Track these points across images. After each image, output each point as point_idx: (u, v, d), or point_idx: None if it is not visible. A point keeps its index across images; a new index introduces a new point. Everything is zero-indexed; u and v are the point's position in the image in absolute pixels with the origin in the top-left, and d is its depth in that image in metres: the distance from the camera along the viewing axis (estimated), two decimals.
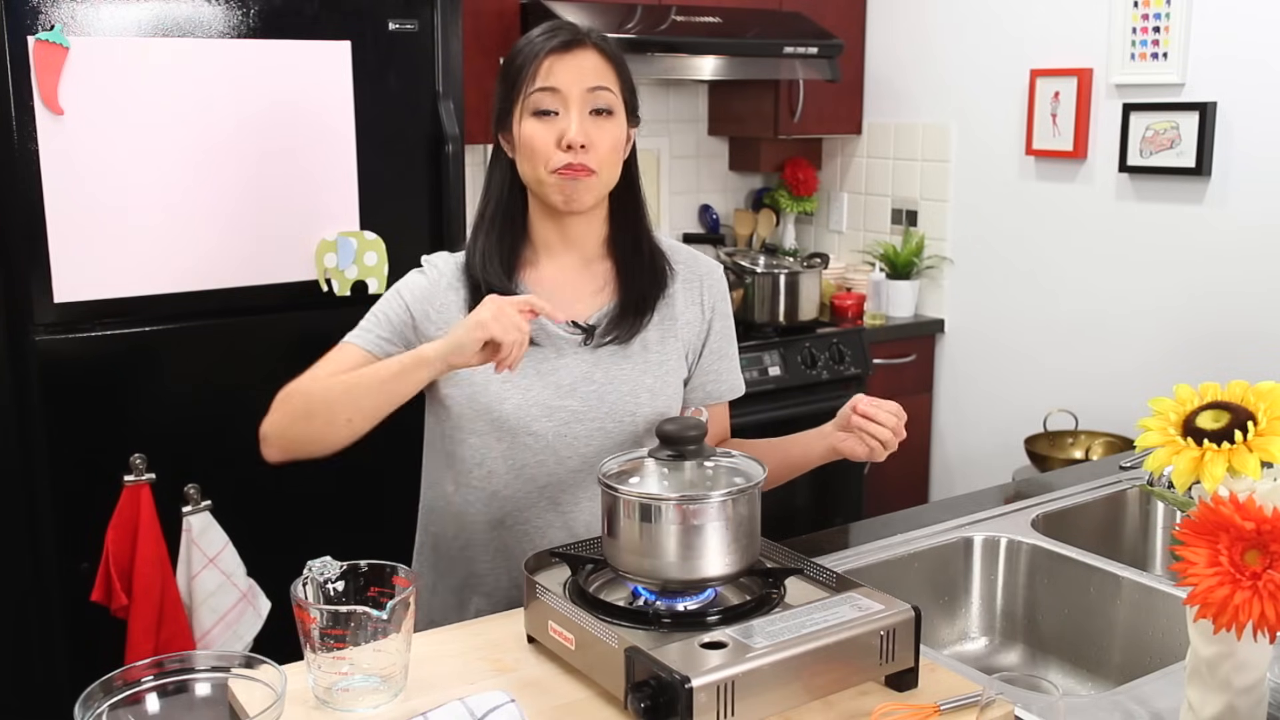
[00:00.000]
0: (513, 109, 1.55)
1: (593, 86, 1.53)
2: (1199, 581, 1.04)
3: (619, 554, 1.33)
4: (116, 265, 2.36)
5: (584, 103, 1.53)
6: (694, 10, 3.36)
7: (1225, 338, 3.07)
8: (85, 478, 2.38)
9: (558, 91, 1.52)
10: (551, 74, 1.52)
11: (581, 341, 1.59)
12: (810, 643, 1.20)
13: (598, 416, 1.59)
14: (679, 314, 1.66)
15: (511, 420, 1.56)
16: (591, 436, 1.59)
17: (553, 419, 1.57)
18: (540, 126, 1.53)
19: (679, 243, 1.76)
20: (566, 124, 1.52)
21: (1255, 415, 1.09)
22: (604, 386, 1.59)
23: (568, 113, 1.52)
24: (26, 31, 2.22)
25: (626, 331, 1.60)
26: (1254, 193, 2.98)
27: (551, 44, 1.53)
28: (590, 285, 1.63)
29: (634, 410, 1.60)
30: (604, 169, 1.56)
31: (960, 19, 3.61)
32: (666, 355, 1.64)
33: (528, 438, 1.57)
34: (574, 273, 1.63)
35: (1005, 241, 3.59)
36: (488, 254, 1.59)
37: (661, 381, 1.63)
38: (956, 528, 1.87)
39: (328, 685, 1.24)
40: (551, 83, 1.52)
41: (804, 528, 2.67)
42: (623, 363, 1.61)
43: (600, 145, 1.54)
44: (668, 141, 3.92)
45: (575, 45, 1.54)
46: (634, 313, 1.61)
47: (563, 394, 1.58)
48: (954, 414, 3.80)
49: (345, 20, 2.53)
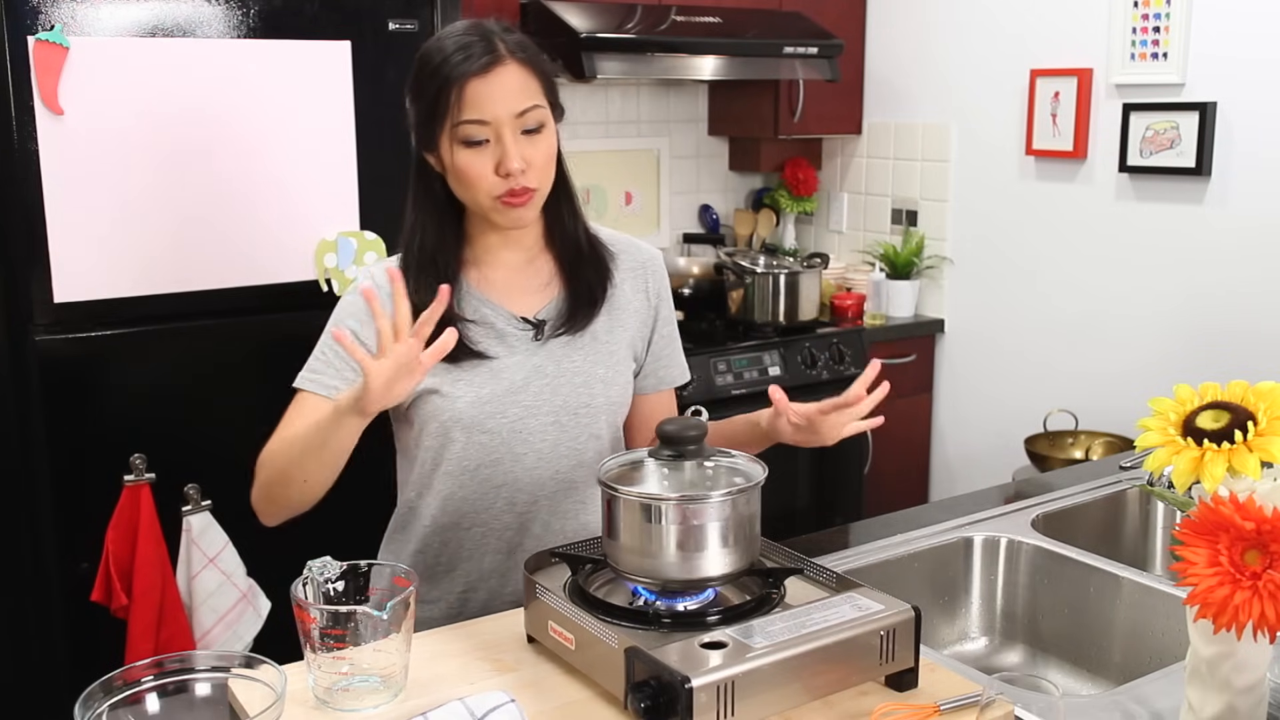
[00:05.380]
0: (437, 134, 1.50)
1: (522, 110, 1.49)
2: (1199, 581, 1.04)
3: (619, 554, 1.33)
4: (116, 265, 2.36)
5: (515, 127, 1.49)
6: (694, 10, 3.36)
7: (1225, 338, 3.07)
8: (85, 478, 2.38)
9: (487, 123, 1.48)
10: (477, 104, 1.47)
11: (532, 337, 1.59)
12: (810, 643, 1.20)
13: (551, 410, 1.59)
14: (626, 303, 1.67)
15: (465, 419, 1.55)
16: (546, 431, 1.59)
17: (506, 415, 1.57)
18: (474, 157, 1.49)
19: (616, 232, 1.74)
20: (502, 153, 1.48)
21: (1255, 415, 1.09)
22: (556, 379, 1.59)
23: (500, 141, 1.48)
24: (26, 31, 2.22)
25: (578, 323, 1.61)
26: (1254, 193, 2.98)
27: (471, 67, 1.47)
28: (535, 280, 1.63)
29: (588, 401, 1.61)
30: (543, 182, 1.55)
31: (960, 19, 3.61)
32: (616, 345, 1.65)
33: (482, 436, 1.57)
34: (518, 270, 1.62)
35: (1005, 241, 3.59)
36: (431, 268, 1.56)
37: (613, 371, 1.64)
38: (956, 528, 1.87)
39: (328, 685, 1.24)
40: (479, 115, 1.47)
41: (804, 528, 2.67)
42: (574, 354, 1.61)
43: (537, 161, 1.51)
44: (668, 141, 3.92)
45: (495, 64, 1.48)
46: (584, 304, 1.62)
47: (515, 390, 1.57)
48: (954, 414, 3.80)
49: (345, 20, 2.53)
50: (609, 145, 3.79)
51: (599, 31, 3.08)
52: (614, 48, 3.12)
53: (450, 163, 1.51)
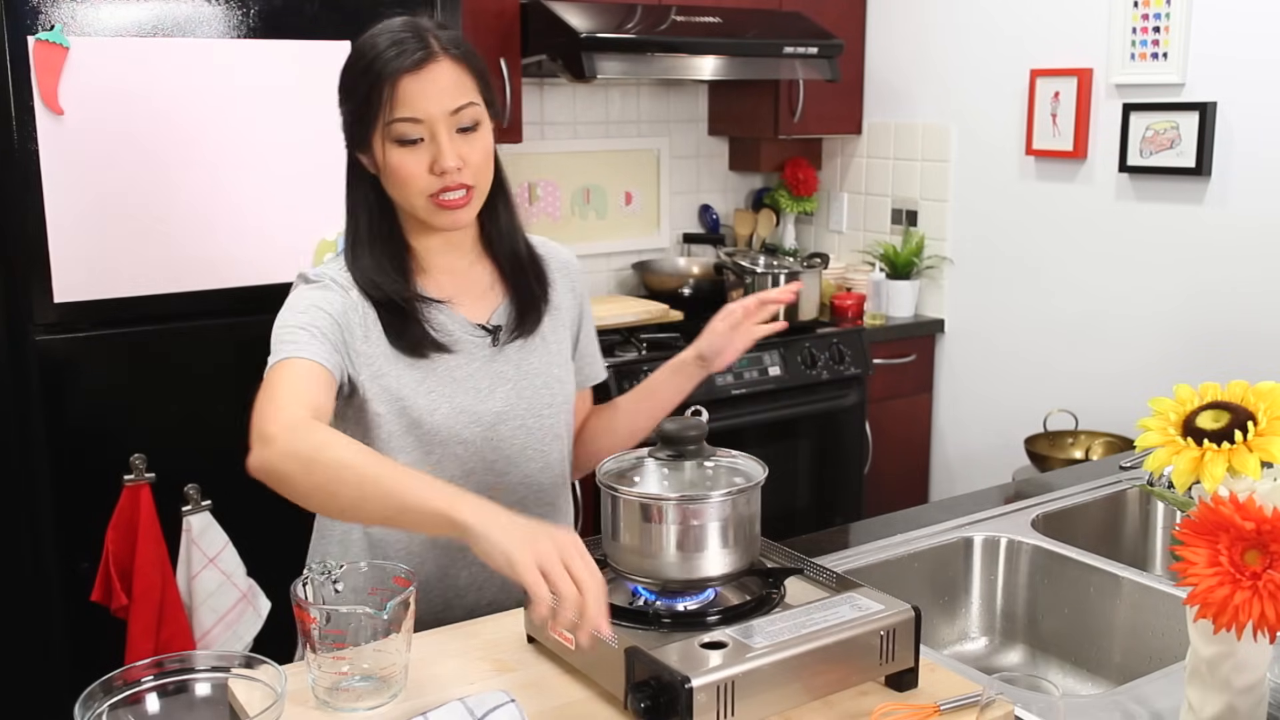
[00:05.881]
0: (369, 132, 1.47)
1: (456, 107, 1.46)
2: (1199, 581, 1.04)
3: (619, 554, 1.33)
4: (116, 265, 2.36)
5: (450, 125, 1.46)
6: (694, 10, 3.36)
7: (1225, 338, 3.07)
8: (85, 478, 2.38)
9: (420, 121, 1.44)
10: (410, 102, 1.44)
11: (490, 343, 1.57)
12: (810, 643, 1.20)
13: (519, 414, 1.58)
14: (560, 302, 1.67)
15: (443, 431, 1.52)
16: (515, 436, 1.58)
17: (479, 424, 1.54)
18: (407, 155, 1.46)
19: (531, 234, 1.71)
20: (436, 151, 1.45)
21: (1255, 415, 1.09)
22: (519, 383, 1.58)
23: (435, 139, 1.45)
24: (26, 31, 2.22)
25: (530, 325, 1.60)
26: (1254, 193, 2.98)
27: (403, 63, 1.43)
28: (479, 285, 1.60)
29: (550, 401, 1.61)
30: (480, 181, 1.51)
31: (960, 19, 3.61)
32: (562, 344, 1.65)
33: (458, 447, 1.54)
34: (462, 275, 1.59)
35: (1005, 241, 3.59)
36: (378, 271, 1.52)
37: (565, 370, 1.65)
38: (956, 528, 1.88)
39: (328, 685, 1.24)
40: (412, 113, 1.44)
41: (804, 528, 2.67)
42: (530, 357, 1.60)
43: (473, 160, 1.48)
44: (668, 141, 3.92)
45: (428, 60, 1.44)
46: (533, 306, 1.61)
47: (484, 397, 1.55)
48: (954, 414, 3.80)
49: (345, 20, 2.52)
50: (609, 145, 3.79)
51: (599, 31, 3.08)
52: (614, 48, 3.12)
53: (383, 162, 1.47)
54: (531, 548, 1.13)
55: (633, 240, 3.91)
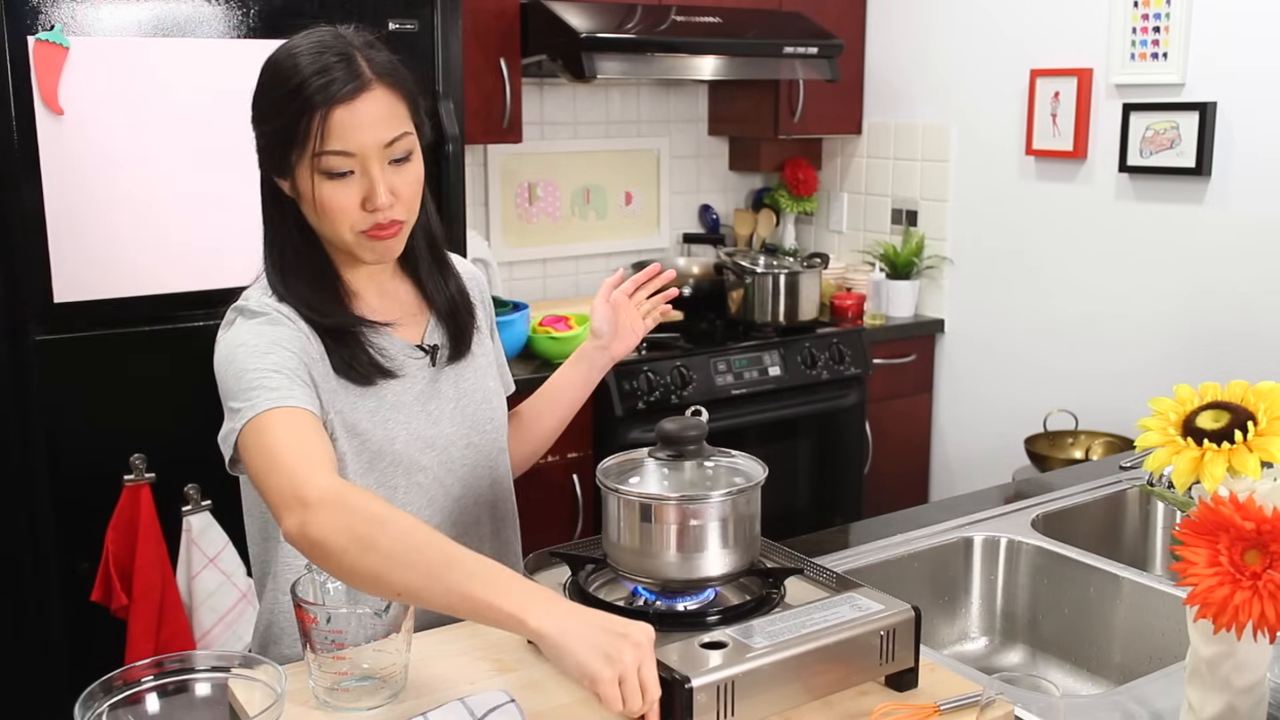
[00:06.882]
0: (293, 162, 1.37)
1: (390, 140, 1.37)
2: (1199, 581, 1.04)
3: (619, 554, 1.33)
4: (116, 265, 2.36)
5: (383, 158, 1.37)
6: (694, 10, 3.36)
7: (1225, 338, 3.07)
8: (85, 478, 2.38)
9: (353, 155, 1.36)
10: (341, 135, 1.34)
11: (428, 363, 1.53)
12: (810, 643, 1.20)
13: (466, 432, 1.55)
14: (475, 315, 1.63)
15: (404, 459, 1.47)
16: (465, 455, 1.55)
17: (434, 448, 1.51)
18: (338, 189, 1.37)
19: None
20: (369, 186, 1.37)
21: (1255, 415, 1.09)
22: (459, 402, 1.55)
23: (367, 173, 1.37)
24: (26, 31, 2.22)
25: (464, 343, 1.57)
26: (1254, 193, 2.98)
27: (334, 93, 1.33)
28: (409, 305, 1.55)
29: (491, 416, 1.59)
30: (411, 213, 1.44)
31: (960, 19, 3.61)
32: (489, 355, 1.64)
33: (419, 475, 1.50)
34: (393, 297, 1.53)
35: (1005, 241, 3.59)
36: (316, 298, 1.45)
37: (497, 382, 1.64)
38: (956, 528, 1.88)
39: (328, 685, 1.24)
40: (344, 146, 1.35)
41: (804, 528, 2.67)
42: (465, 373, 1.57)
43: (404, 193, 1.40)
44: (668, 141, 3.92)
45: (361, 90, 1.34)
46: (464, 323, 1.57)
47: (434, 420, 1.51)
48: (954, 414, 3.80)
49: (345, 20, 2.51)
50: (609, 145, 3.79)
51: (599, 31, 3.08)
52: (614, 48, 3.12)
53: (310, 194, 1.38)
54: (612, 666, 1.09)
55: (633, 240, 3.91)
